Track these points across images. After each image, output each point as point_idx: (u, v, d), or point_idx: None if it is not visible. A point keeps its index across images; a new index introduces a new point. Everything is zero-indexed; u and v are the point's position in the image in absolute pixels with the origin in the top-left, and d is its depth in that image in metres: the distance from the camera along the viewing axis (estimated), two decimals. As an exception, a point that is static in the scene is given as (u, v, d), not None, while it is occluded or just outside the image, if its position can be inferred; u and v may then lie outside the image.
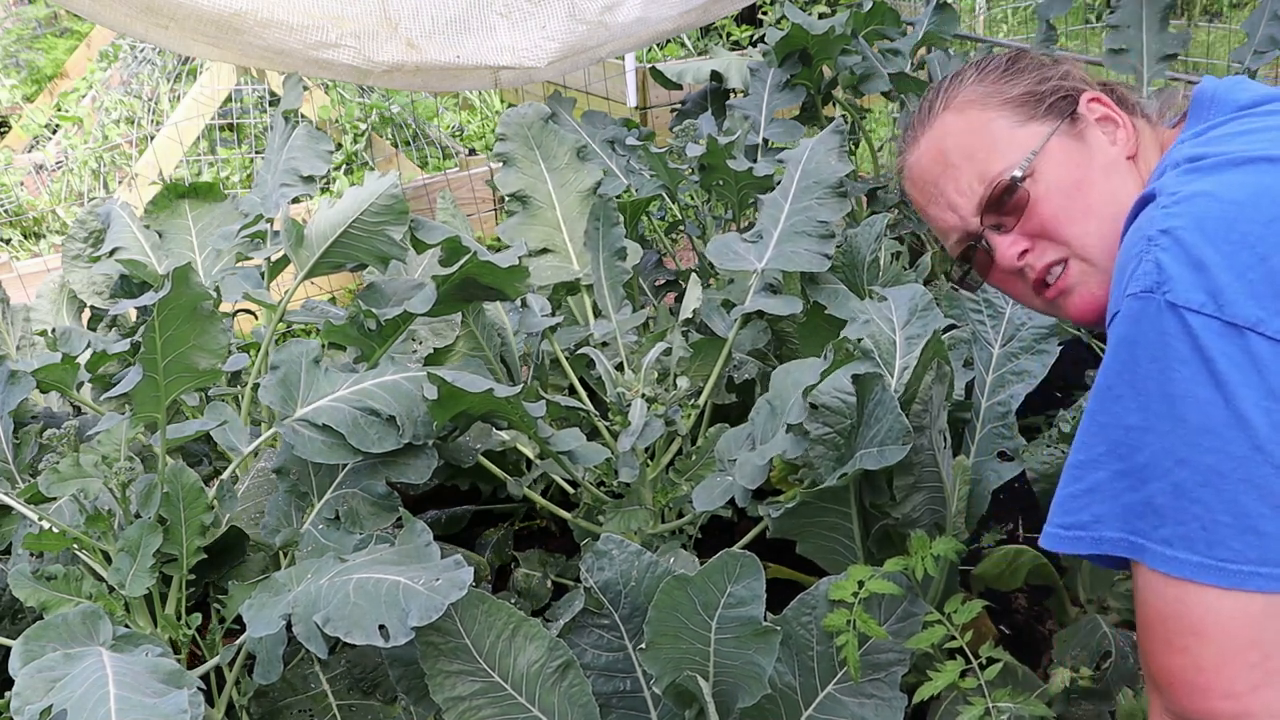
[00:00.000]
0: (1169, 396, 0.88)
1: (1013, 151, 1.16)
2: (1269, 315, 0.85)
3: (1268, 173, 0.91)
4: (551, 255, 2.41)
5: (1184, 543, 0.88)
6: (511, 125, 2.52)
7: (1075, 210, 1.14)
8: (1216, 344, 0.86)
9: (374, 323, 1.91)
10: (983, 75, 1.21)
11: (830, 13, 3.87)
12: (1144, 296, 0.90)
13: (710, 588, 1.40)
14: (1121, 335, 0.92)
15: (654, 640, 1.45)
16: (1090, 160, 1.15)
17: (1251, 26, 2.81)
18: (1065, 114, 1.16)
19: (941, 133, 1.21)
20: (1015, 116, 1.17)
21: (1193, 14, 5.48)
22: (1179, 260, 0.89)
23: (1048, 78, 1.18)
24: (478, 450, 1.98)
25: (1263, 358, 0.85)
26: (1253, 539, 0.86)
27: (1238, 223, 0.88)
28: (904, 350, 1.84)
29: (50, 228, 4.87)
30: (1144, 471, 0.90)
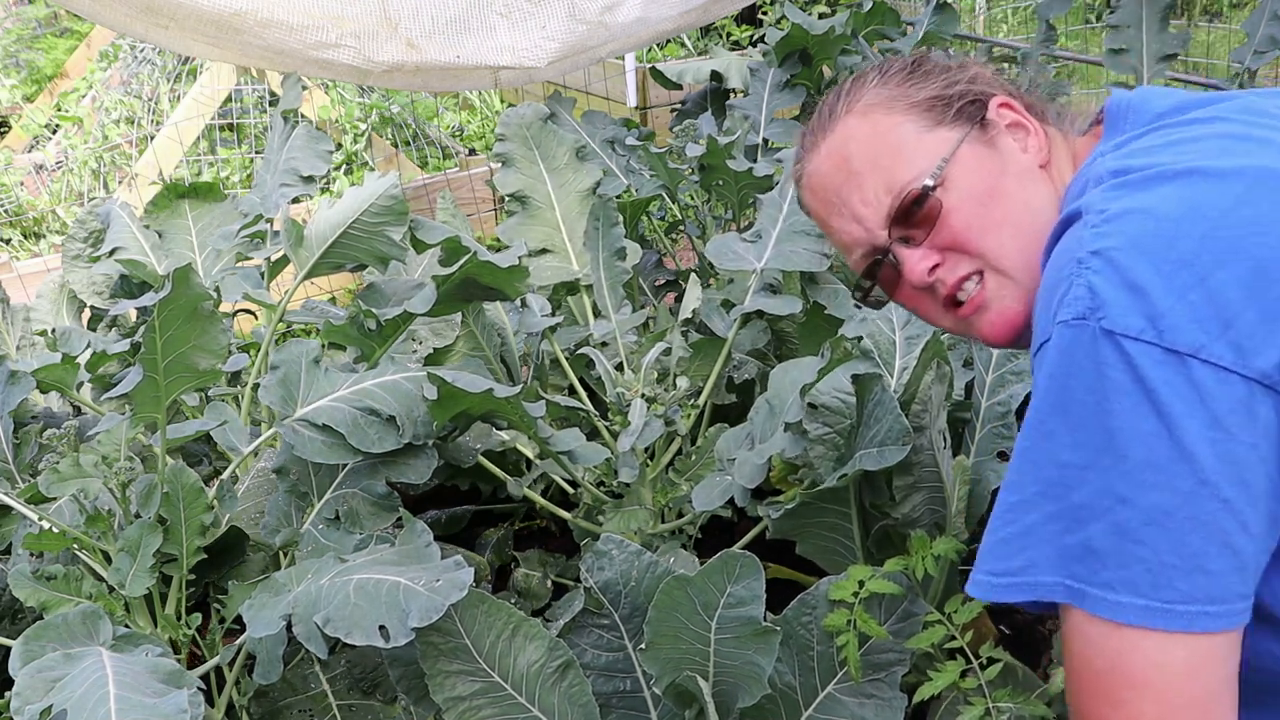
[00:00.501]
0: (1107, 430, 0.82)
1: (921, 159, 1.07)
2: (1211, 340, 0.80)
3: (1199, 186, 0.85)
4: (551, 255, 2.41)
5: (1127, 586, 0.82)
6: (511, 125, 2.52)
7: (990, 220, 1.06)
8: (1157, 372, 0.80)
9: (374, 323, 1.91)
10: (886, 78, 1.12)
11: (830, 13, 3.88)
12: (1076, 324, 0.83)
13: (710, 588, 1.40)
14: (1053, 366, 0.86)
15: (654, 640, 1.45)
16: (1003, 168, 1.06)
17: (1251, 26, 2.81)
18: (975, 119, 1.08)
19: (844, 138, 1.11)
20: (923, 121, 1.08)
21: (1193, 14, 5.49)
22: (1113, 283, 0.82)
23: (955, 81, 1.10)
24: (478, 450, 1.98)
25: (1206, 386, 0.80)
26: (1200, 579, 0.81)
27: (1175, 240, 0.82)
28: (903, 350, 1.84)
29: (50, 228, 4.87)
30: (1082, 512, 0.84)
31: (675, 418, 1.93)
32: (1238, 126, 0.93)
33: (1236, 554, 0.81)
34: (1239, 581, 0.82)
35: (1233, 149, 0.89)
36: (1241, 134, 0.91)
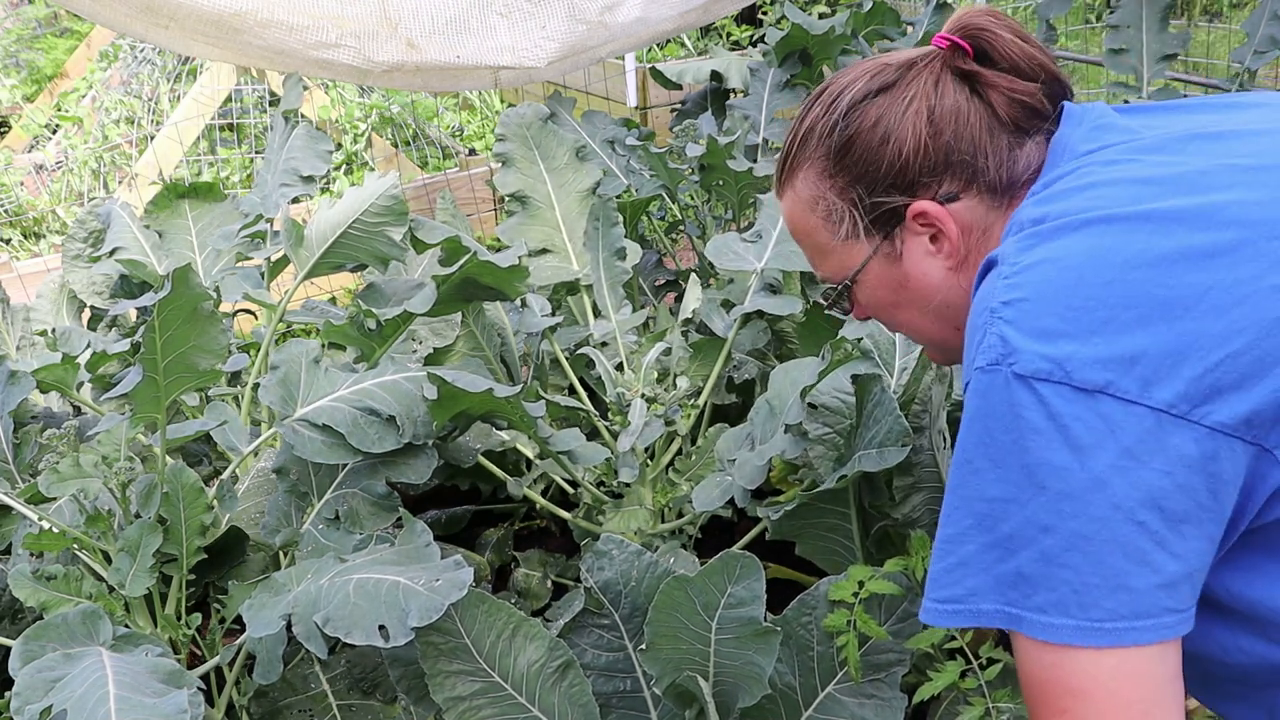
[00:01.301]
0: (1026, 466, 0.88)
1: (833, 264, 1.19)
2: (1117, 376, 0.86)
3: (1104, 234, 0.91)
4: (551, 255, 2.41)
5: (1058, 608, 0.88)
6: (510, 126, 2.52)
7: (896, 321, 1.21)
8: (1068, 409, 0.86)
9: (374, 323, 1.91)
10: (815, 155, 1.15)
11: (830, 13, 3.88)
12: (991, 369, 0.90)
13: (710, 588, 1.40)
14: (973, 409, 0.92)
15: (654, 641, 1.45)
16: (905, 283, 1.15)
17: (1251, 26, 2.81)
18: (887, 233, 1.13)
19: (787, 211, 1.22)
20: (836, 228, 1.16)
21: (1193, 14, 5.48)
22: (1023, 331, 0.89)
23: (876, 180, 1.11)
24: (478, 450, 1.98)
25: (1114, 418, 0.86)
26: (1124, 596, 0.86)
27: (1079, 288, 0.89)
28: (903, 350, 1.84)
29: (50, 228, 4.87)
30: (1010, 542, 0.90)
31: (675, 418, 1.94)
32: (1152, 167, 0.97)
33: (1158, 572, 0.86)
34: (1166, 597, 0.87)
35: (1142, 194, 0.93)
36: (1155, 176, 0.95)
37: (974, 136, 1.08)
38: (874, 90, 1.11)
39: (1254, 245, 0.88)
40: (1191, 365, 0.86)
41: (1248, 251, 0.88)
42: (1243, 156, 0.96)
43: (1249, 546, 0.92)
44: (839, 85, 1.14)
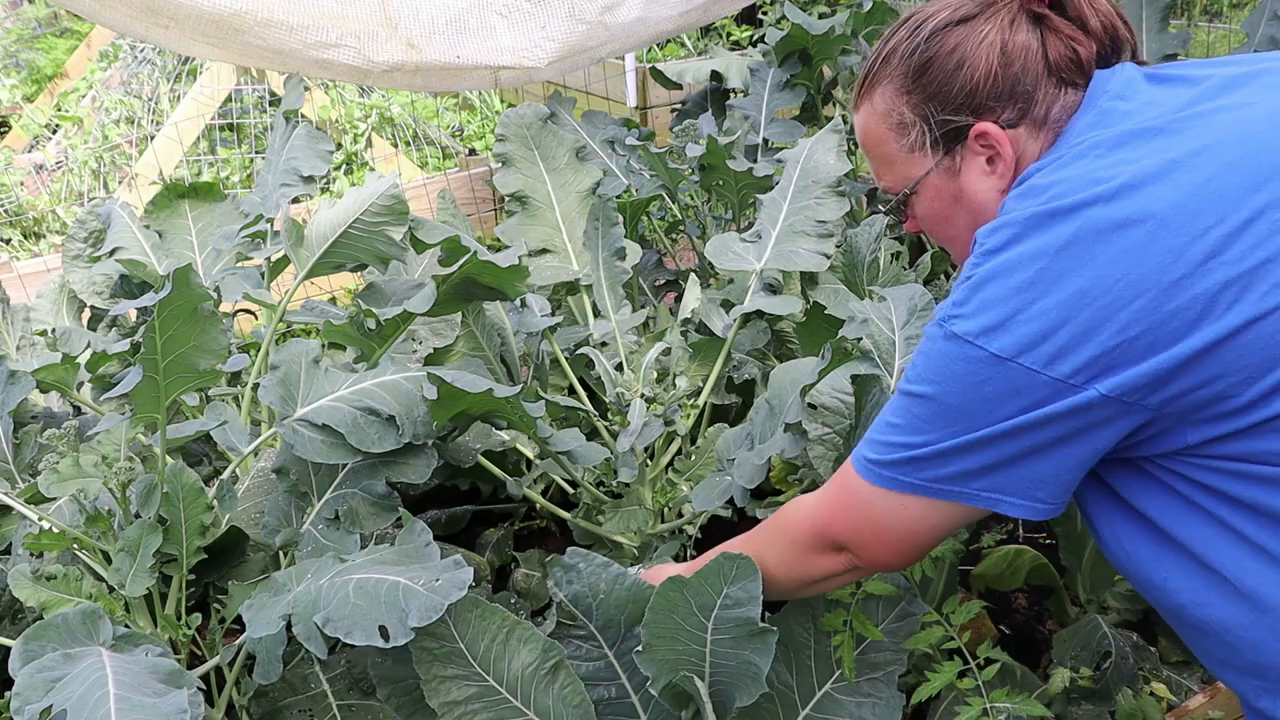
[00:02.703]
0: (946, 402, 1.12)
1: (899, 175, 1.34)
2: (1026, 350, 1.06)
3: (1047, 231, 1.07)
4: (551, 255, 2.41)
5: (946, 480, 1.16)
6: (510, 126, 2.52)
7: (946, 234, 1.38)
8: (983, 370, 1.08)
9: (374, 323, 1.91)
10: (895, 72, 1.30)
11: (830, 13, 3.87)
12: (941, 324, 1.12)
13: (706, 589, 1.40)
14: (922, 346, 1.16)
15: (650, 643, 1.44)
16: (960, 197, 1.31)
17: (1251, 26, 2.81)
18: (949, 149, 1.29)
19: (861, 126, 1.37)
20: (905, 143, 1.31)
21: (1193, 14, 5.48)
22: (969, 301, 1.10)
23: (948, 102, 1.26)
24: (478, 450, 1.98)
25: (1019, 383, 1.07)
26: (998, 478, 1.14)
27: (1017, 271, 1.07)
28: (903, 350, 1.84)
29: (50, 228, 4.87)
30: (919, 448, 1.17)
31: (675, 418, 1.93)
32: (1112, 166, 1.09)
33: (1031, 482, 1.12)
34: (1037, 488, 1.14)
35: (1091, 193, 1.07)
36: (1109, 175, 1.08)
37: (1036, 74, 1.23)
38: (955, 20, 1.25)
39: (1163, 241, 1.02)
40: (1092, 347, 1.04)
41: (1157, 247, 1.02)
42: (1200, 139, 1.08)
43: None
44: (925, 13, 1.29)
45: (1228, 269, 1.01)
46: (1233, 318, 1.01)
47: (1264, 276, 1.01)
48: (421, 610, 1.32)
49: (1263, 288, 1.01)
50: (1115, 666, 1.80)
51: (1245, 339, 1.01)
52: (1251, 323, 1.01)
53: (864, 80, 1.35)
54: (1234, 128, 1.09)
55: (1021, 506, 1.14)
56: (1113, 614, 2.01)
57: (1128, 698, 1.79)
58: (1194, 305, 1.01)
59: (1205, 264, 1.01)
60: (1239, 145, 1.07)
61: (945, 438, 1.13)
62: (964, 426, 1.11)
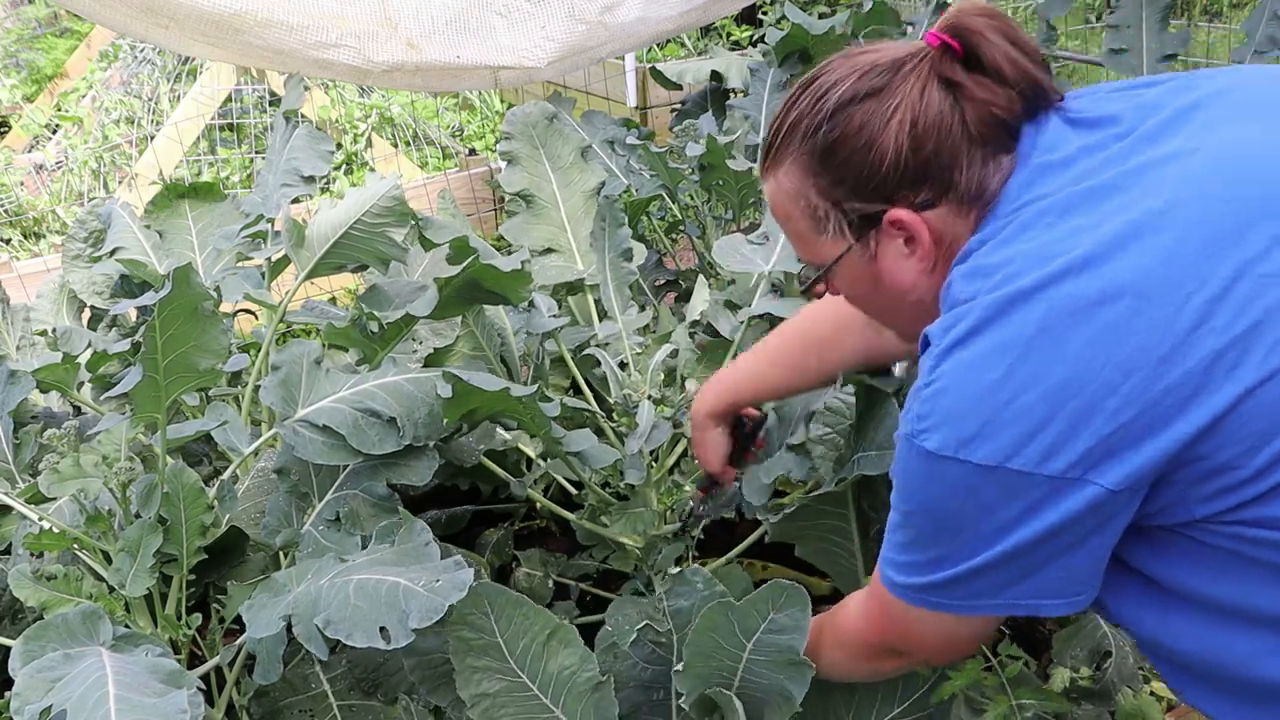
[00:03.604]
0: (943, 516, 1.06)
1: (810, 253, 1.24)
2: (1014, 453, 0.98)
3: (1008, 322, 0.99)
4: (556, 255, 2.40)
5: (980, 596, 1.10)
6: (516, 124, 2.51)
7: (870, 313, 1.33)
8: (970, 481, 1.01)
9: (376, 326, 1.91)
10: (800, 150, 1.17)
11: (830, 13, 3.87)
12: (908, 438, 1.05)
13: (753, 613, 1.40)
14: (897, 464, 1.09)
15: (690, 661, 1.44)
16: (878, 282, 1.21)
17: (1251, 26, 2.81)
18: (862, 234, 1.17)
19: (769, 195, 1.25)
20: (816, 226, 1.20)
21: (1193, 14, 5.48)
22: (935, 413, 1.02)
23: (856, 185, 1.14)
24: (480, 450, 1.98)
25: (1013, 486, 0.99)
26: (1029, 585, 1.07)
27: (985, 373, 0.99)
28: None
29: (50, 228, 4.87)
30: (935, 565, 1.11)
31: (683, 420, 1.93)
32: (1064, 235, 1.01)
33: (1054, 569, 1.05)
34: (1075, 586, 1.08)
35: (1046, 271, 0.99)
36: (1062, 249, 1.00)
37: (954, 147, 1.10)
38: (861, 94, 1.12)
39: (1146, 315, 0.95)
40: (1084, 439, 0.96)
41: (1140, 323, 0.95)
42: (1157, 197, 1.00)
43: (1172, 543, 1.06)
44: (827, 81, 1.15)
45: (1217, 337, 0.93)
46: (1231, 388, 0.93)
47: (1257, 341, 0.93)
48: (422, 611, 1.32)
49: (1259, 353, 0.93)
50: (1115, 666, 1.79)
51: (1246, 408, 0.94)
52: (1251, 390, 0.93)
53: (767, 152, 1.22)
54: (1187, 182, 1.00)
55: (1063, 605, 1.07)
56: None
57: (1128, 697, 1.79)
58: (1188, 380, 0.94)
59: (1193, 334, 0.94)
60: (1199, 201, 0.99)
61: (958, 553, 1.06)
62: (971, 536, 1.04)
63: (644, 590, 2.05)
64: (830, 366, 1.63)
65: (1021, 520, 1.00)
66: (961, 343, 1.01)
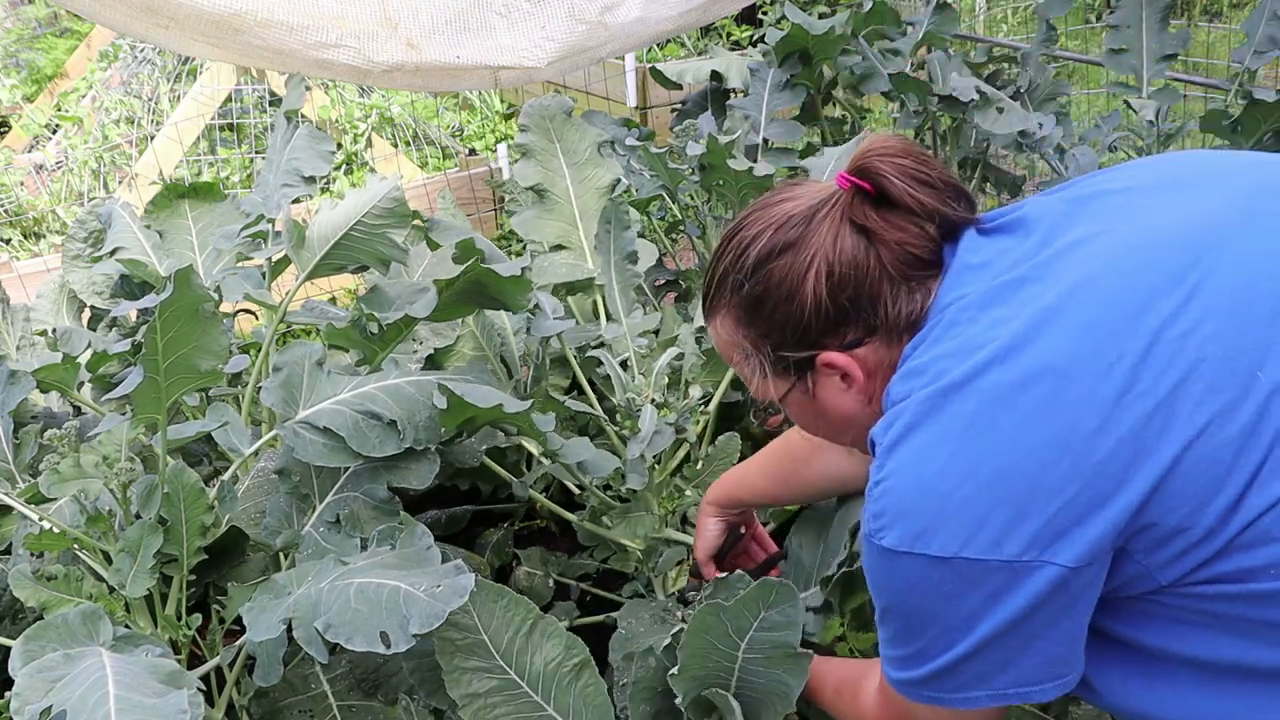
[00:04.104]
0: (915, 610, 1.07)
1: (756, 389, 1.29)
2: (966, 542, 1.00)
3: (940, 419, 1.03)
4: (566, 252, 2.37)
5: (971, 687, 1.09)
6: (533, 116, 2.47)
7: (821, 435, 1.36)
8: (932, 573, 1.02)
9: (376, 327, 1.91)
10: (729, 303, 1.23)
11: (830, 13, 3.87)
12: (867, 538, 1.07)
13: (744, 614, 1.40)
14: (864, 562, 1.11)
15: (685, 664, 1.43)
16: (823, 413, 1.26)
17: (1251, 26, 2.81)
18: (799, 376, 1.23)
19: (713, 337, 1.31)
20: (755, 370, 1.26)
21: (1193, 14, 5.49)
22: (887, 514, 1.05)
23: (785, 336, 1.20)
24: (481, 451, 1.97)
25: (972, 575, 1.01)
26: (1014, 673, 1.07)
27: (925, 469, 1.03)
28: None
29: (50, 228, 4.87)
30: (919, 658, 1.10)
31: (686, 425, 1.92)
32: (985, 327, 1.05)
33: (1040, 654, 1.05)
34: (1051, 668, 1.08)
35: (972, 364, 1.03)
36: (982, 341, 1.04)
37: (872, 289, 1.15)
38: (778, 247, 1.17)
39: (1071, 390, 0.97)
40: (1032, 520, 0.98)
41: (1066, 398, 0.97)
42: (1068, 279, 1.04)
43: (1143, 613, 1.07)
44: (748, 235, 1.21)
45: (1145, 401, 0.96)
46: (1167, 448, 0.95)
47: (1184, 397, 0.96)
48: (422, 617, 1.32)
49: (1186, 408, 0.95)
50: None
51: (1185, 467, 0.95)
52: (1187, 448, 0.95)
53: (705, 301, 1.29)
54: (1095, 259, 1.04)
55: (1051, 689, 1.07)
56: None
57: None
58: (1122, 448, 0.96)
59: (1120, 402, 0.96)
60: (1108, 275, 1.03)
61: (935, 646, 1.07)
62: (944, 628, 1.05)
63: (644, 591, 2.05)
64: (811, 481, 1.67)
65: (988, 608, 1.02)
66: (901, 439, 1.05)
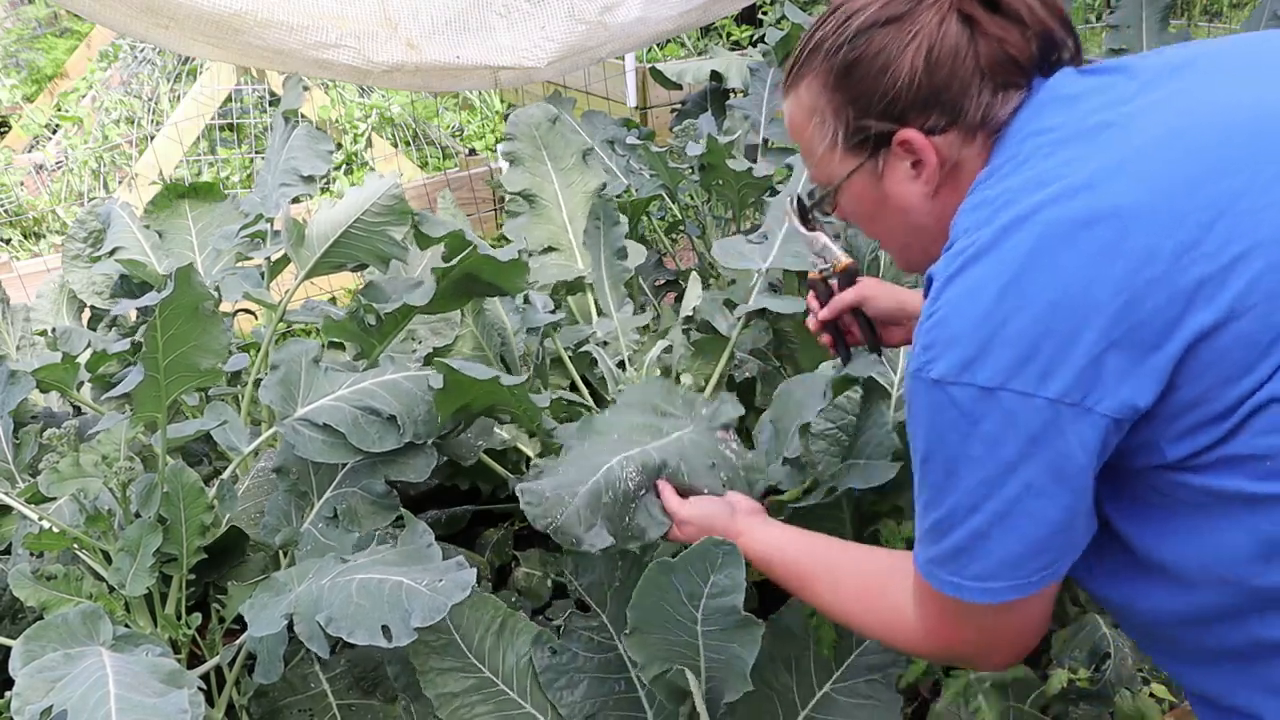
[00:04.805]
0: (948, 459, 1.05)
1: (823, 170, 1.28)
2: (1014, 374, 0.99)
3: (1006, 247, 1.02)
4: (557, 254, 2.41)
5: (993, 575, 1.07)
6: (520, 125, 2.53)
7: (871, 233, 1.33)
8: (976, 408, 1.01)
9: (374, 318, 1.91)
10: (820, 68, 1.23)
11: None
12: (915, 376, 1.05)
13: (693, 576, 1.38)
14: (907, 409, 1.10)
15: (638, 627, 1.42)
16: (885, 202, 1.24)
17: (1251, 27, 2.81)
18: (873, 153, 1.22)
19: (788, 112, 1.30)
20: (828, 140, 1.25)
21: (1193, 14, 5.49)
22: (939, 342, 1.03)
23: (870, 107, 1.19)
24: (480, 447, 1.98)
25: (1015, 412, 0.99)
26: (1046, 555, 1.05)
27: (980, 297, 1.02)
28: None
29: (50, 228, 4.87)
30: (945, 523, 1.08)
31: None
32: (1063, 164, 1.05)
33: (1067, 529, 1.05)
34: (1071, 543, 1.07)
35: (1046, 196, 1.02)
36: (1059, 173, 1.04)
37: (965, 78, 1.15)
38: (882, 20, 1.18)
39: (1135, 238, 0.97)
40: (1079, 358, 0.97)
41: (1129, 245, 0.97)
42: (1153, 131, 1.03)
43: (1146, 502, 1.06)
44: (852, 7, 1.21)
45: (1204, 264, 0.96)
46: (1211, 314, 0.95)
47: (1241, 270, 0.96)
48: (425, 610, 1.32)
49: (1240, 283, 0.96)
50: (1114, 667, 1.79)
51: (1224, 338, 0.96)
52: (1232, 318, 0.95)
53: (791, 69, 1.28)
54: (1181, 120, 1.04)
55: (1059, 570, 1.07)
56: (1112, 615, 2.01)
57: (1126, 699, 1.79)
58: (1173, 304, 0.96)
59: (1180, 260, 0.96)
60: (1195, 134, 1.02)
61: (967, 502, 1.04)
62: (978, 479, 1.03)
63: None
64: None
65: (1026, 456, 1.00)
66: (960, 270, 1.04)
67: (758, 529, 1.44)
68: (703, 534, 1.43)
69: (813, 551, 1.37)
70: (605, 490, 1.43)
